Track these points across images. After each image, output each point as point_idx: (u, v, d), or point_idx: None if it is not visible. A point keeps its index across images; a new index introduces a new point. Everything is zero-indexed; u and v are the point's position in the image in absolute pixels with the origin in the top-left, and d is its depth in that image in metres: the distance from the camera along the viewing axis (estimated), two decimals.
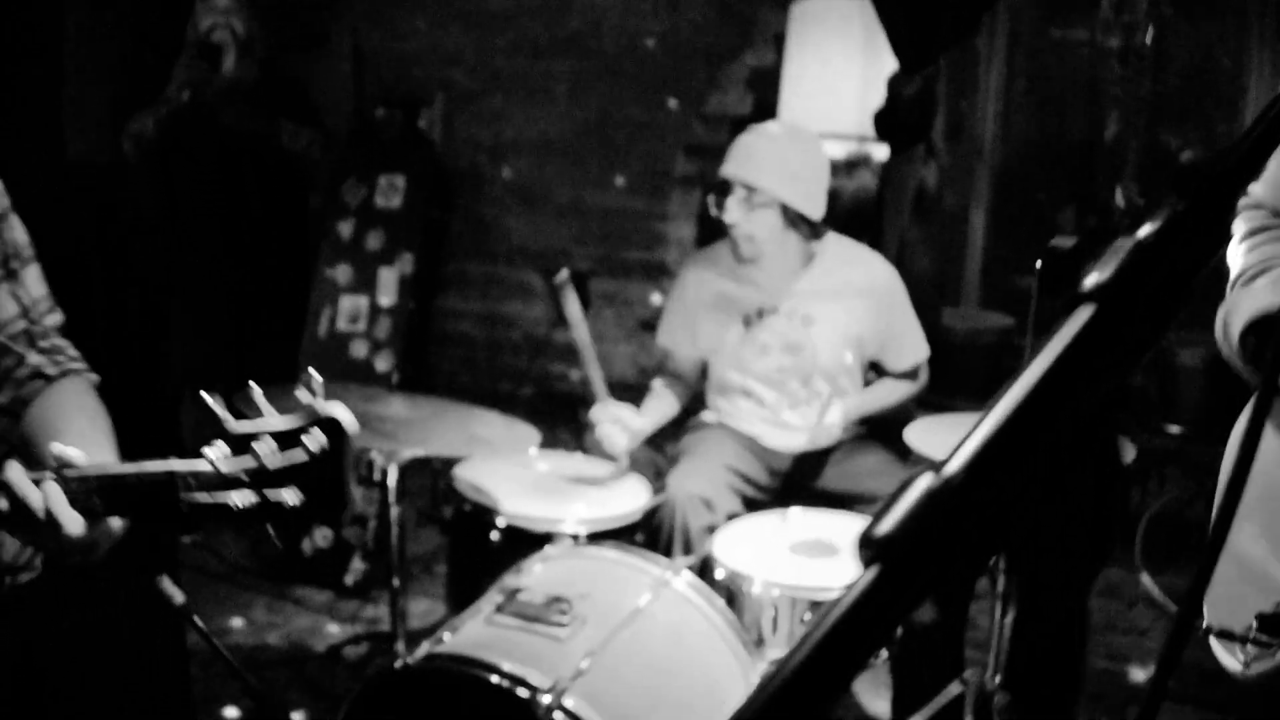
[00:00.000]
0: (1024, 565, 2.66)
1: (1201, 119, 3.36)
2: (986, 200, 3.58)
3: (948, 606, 2.49)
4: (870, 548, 0.48)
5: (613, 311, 3.74)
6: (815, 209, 2.69)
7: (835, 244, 2.82)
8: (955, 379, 2.93)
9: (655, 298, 3.67)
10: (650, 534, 2.49)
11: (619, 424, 2.68)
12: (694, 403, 2.97)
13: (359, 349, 3.78)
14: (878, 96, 3.16)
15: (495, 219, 3.87)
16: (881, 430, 2.84)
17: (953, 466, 0.49)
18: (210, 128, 3.64)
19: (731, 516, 2.55)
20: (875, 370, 2.91)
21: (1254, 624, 1.18)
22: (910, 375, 2.88)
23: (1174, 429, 3.29)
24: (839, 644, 0.47)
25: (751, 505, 2.66)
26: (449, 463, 2.70)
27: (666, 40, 3.56)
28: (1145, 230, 0.53)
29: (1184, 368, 3.31)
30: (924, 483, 0.49)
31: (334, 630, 3.33)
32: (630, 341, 3.74)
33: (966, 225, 3.55)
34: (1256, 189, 1.42)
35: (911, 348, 2.85)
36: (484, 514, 2.51)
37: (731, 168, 2.65)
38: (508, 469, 2.73)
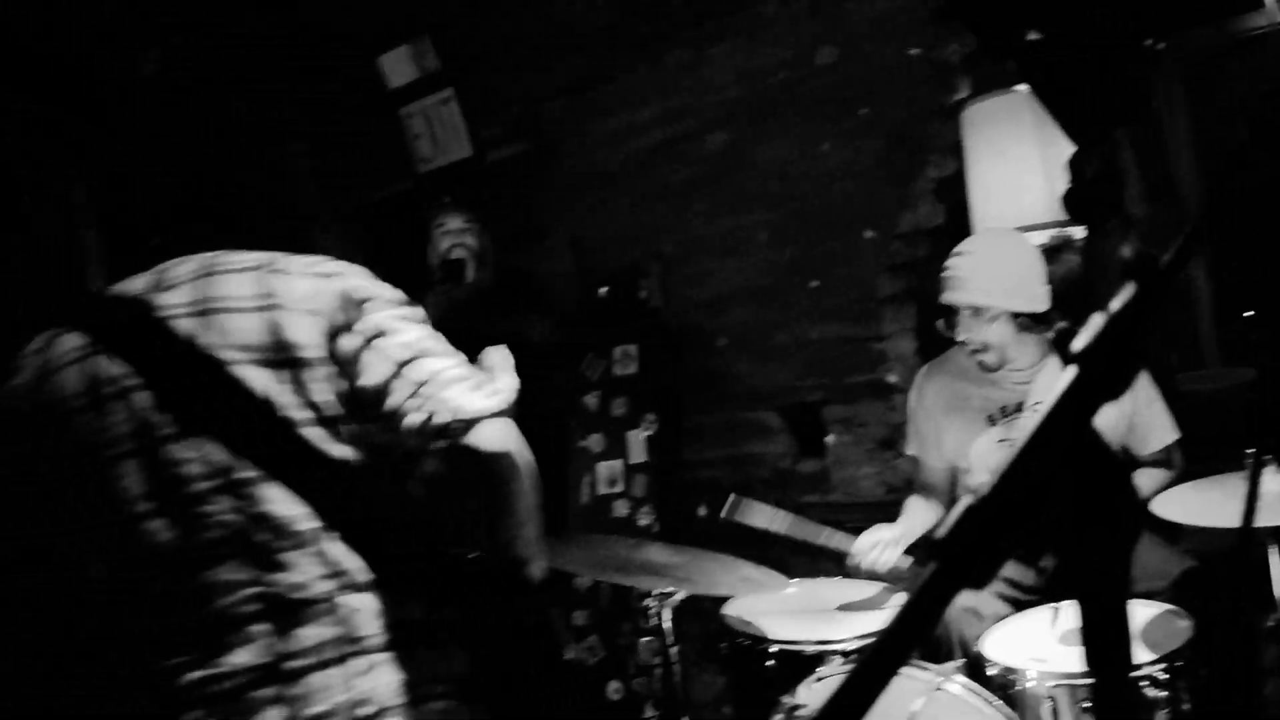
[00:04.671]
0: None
1: None
2: (1205, 258, 3.52)
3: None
4: (929, 550, 0.66)
5: (850, 436, 3.87)
6: (1039, 304, 2.77)
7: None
8: (1205, 443, 2.87)
9: (888, 415, 3.78)
10: (923, 652, 2.55)
11: (879, 543, 2.78)
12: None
13: (620, 508, 4.06)
14: (1062, 180, 3.22)
15: (723, 368, 4.12)
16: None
17: (983, 488, 0.66)
18: (464, 334, 4.10)
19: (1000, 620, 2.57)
20: (1125, 457, 2.88)
21: None
22: (1162, 461, 2.85)
23: None
24: (911, 618, 0.63)
25: (1019, 607, 2.67)
26: (717, 603, 2.86)
27: (850, 174, 3.77)
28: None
29: None
30: (963, 502, 0.66)
31: None
32: (872, 462, 3.84)
33: (1189, 284, 3.50)
34: None
35: (1159, 431, 2.82)
36: (757, 644, 2.66)
37: (952, 294, 2.78)
38: (772, 601, 2.87)
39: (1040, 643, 2.41)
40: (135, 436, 1.49)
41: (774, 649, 2.62)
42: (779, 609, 2.82)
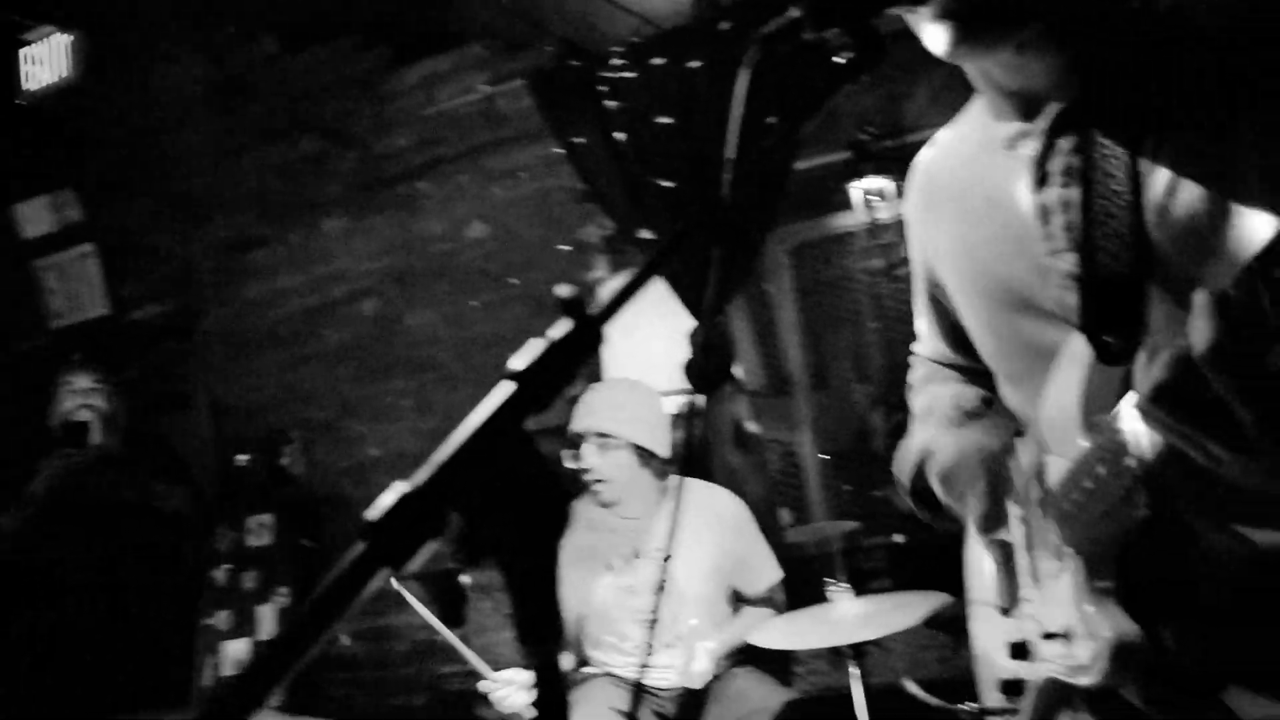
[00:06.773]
0: None
1: None
2: (810, 422, 3.87)
3: None
4: (359, 531, 0.67)
5: (490, 602, 3.81)
6: (662, 447, 2.91)
7: (681, 483, 3.00)
8: (816, 588, 3.06)
9: None
10: None
11: (512, 683, 2.74)
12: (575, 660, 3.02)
13: None
14: (684, 351, 3.46)
15: None
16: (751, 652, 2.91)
17: (419, 478, 0.69)
18: (82, 504, 3.77)
19: None
20: (735, 597, 3.01)
21: (999, 690, 1.29)
22: (767, 600, 3.00)
23: None
24: (334, 592, 0.65)
25: None
26: None
27: (495, 342, 3.86)
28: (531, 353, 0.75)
29: None
30: (396, 488, 0.69)
31: None
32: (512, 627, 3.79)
33: (798, 449, 3.81)
34: (918, 346, 1.53)
35: (765, 571, 2.98)
36: None
37: (581, 422, 2.87)
38: None
39: None
40: None
41: None
42: None
